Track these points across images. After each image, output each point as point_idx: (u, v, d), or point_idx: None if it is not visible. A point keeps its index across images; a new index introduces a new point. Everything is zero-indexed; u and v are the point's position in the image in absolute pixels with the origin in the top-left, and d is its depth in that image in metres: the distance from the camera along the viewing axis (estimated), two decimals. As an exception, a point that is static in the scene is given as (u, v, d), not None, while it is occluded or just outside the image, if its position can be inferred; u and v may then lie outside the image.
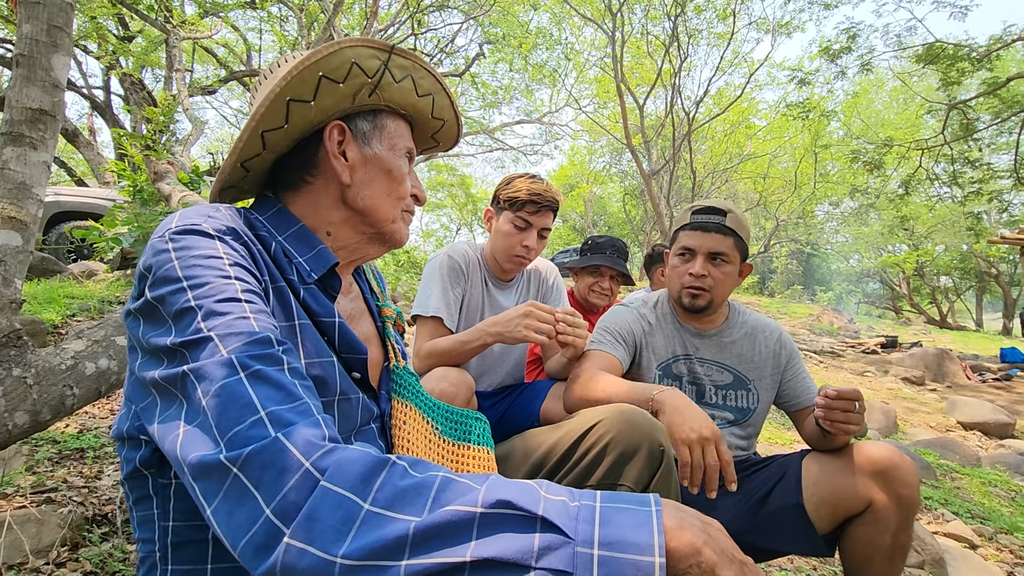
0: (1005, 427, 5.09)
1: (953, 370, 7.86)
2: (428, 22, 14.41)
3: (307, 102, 0.76)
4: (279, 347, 0.59)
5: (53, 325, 2.95)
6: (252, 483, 0.48)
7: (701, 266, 1.49)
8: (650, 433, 0.91)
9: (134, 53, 11.05)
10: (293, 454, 0.48)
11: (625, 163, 25.42)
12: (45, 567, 1.27)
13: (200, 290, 0.60)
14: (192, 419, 0.54)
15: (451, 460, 0.91)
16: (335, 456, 0.50)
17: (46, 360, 1.36)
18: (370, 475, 0.49)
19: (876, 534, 1.25)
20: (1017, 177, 9.60)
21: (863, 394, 1.25)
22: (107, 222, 3.89)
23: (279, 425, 0.50)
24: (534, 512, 0.47)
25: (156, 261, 0.63)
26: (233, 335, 0.57)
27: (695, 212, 1.54)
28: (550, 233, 1.78)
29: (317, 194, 0.82)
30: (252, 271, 0.67)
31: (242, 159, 0.79)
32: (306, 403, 0.55)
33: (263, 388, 0.53)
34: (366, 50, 0.76)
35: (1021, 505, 3.09)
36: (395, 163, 0.84)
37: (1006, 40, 8.44)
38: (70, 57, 1.53)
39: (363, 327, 0.89)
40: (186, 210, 0.70)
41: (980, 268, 21.71)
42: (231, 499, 0.48)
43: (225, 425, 0.51)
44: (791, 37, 14.97)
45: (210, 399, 0.52)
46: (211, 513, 0.49)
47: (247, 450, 0.49)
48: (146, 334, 0.61)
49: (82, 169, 14.32)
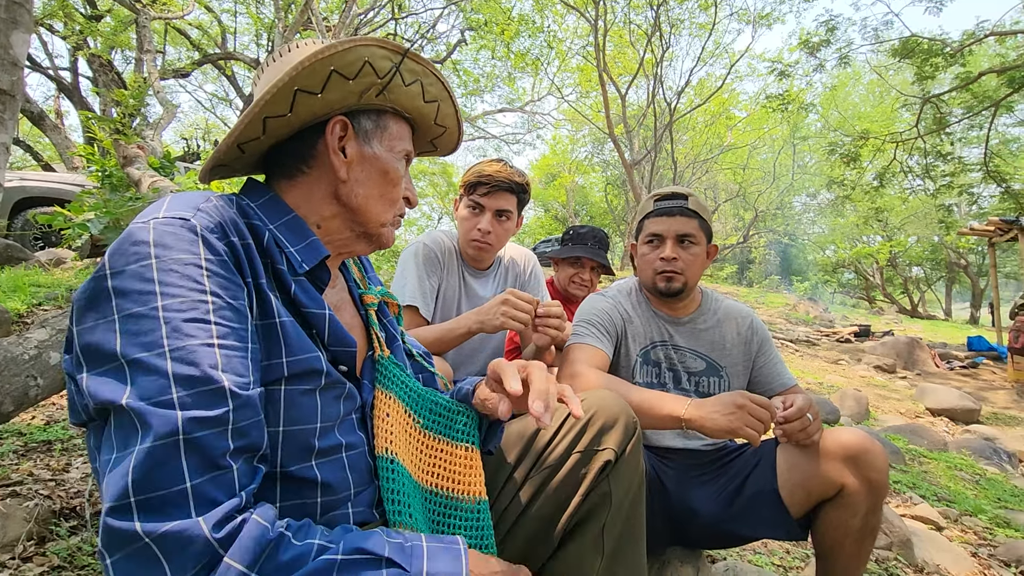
0: (971, 413, 5.26)
1: (923, 358, 8.08)
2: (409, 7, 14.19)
3: (314, 94, 0.75)
4: (232, 401, 0.59)
5: (18, 314, 2.86)
6: (163, 555, 0.52)
7: (671, 249, 1.51)
8: (626, 408, 0.99)
9: (103, 33, 10.67)
10: (205, 537, 0.53)
11: (607, 153, 25.45)
12: (11, 562, 1.24)
13: (170, 300, 0.59)
14: (116, 458, 0.54)
15: (431, 455, 0.90)
16: (240, 534, 0.55)
17: (8, 349, 1.32)
18: (260, 551, 0.56)
19: (847, 517, 1.28)
20: (986, 171, 9.85)
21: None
22: (75, 208, 3.78)
23: (200, 504, 0.54)
24: (381, 554, 0.61)
25: (133, 251, 0.60)
26: (187, 378, 0.57)
27: (658, 200, 1.57)
28: (515, 216, 1.76)
29: (311, 186, 0.81)
30: (233, 276, 0.66)
31: (240, 141, 0.78)
32: (230, 474, 0.57)
33: (194, 457, 0.55)
34: (380, 50, 0.76)
35: (985, 488, 3.20)
36: (392, 165, 0.84)
37: (979, 36, 8.61)
38: (30, 34, 1.46)
39: (347, 317, 0.88)
40: (175, 198, 0.68)
41: (950, 259, 22.31)
42: (137, 561, 0.52)
43: (148, 485, 0.53)
44: (771, 29, 15.15)
45: (140, 452, 0.53)
46: (111, 563, 0.52)
47: (163, 528, 0.52)
48: (85, 320, 0.59)
49: (49, 153, 13.85)
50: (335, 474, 0.74)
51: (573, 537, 0.94)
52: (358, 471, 0.77)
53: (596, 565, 0.92)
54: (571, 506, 0.93)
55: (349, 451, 0.76)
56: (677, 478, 1.47)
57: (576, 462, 0.94)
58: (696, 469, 1.52)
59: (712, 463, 1.53)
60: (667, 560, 1.56)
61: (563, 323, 1.45)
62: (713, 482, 1.47)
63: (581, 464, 0.94)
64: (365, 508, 0.77)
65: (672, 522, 1.43)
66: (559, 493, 0.94)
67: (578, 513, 0.93)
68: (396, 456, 0.81)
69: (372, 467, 0.80)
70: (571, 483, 0.94)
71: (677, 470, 1.50)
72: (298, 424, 0.70)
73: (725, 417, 1.15)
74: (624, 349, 1.56)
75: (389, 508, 0.77)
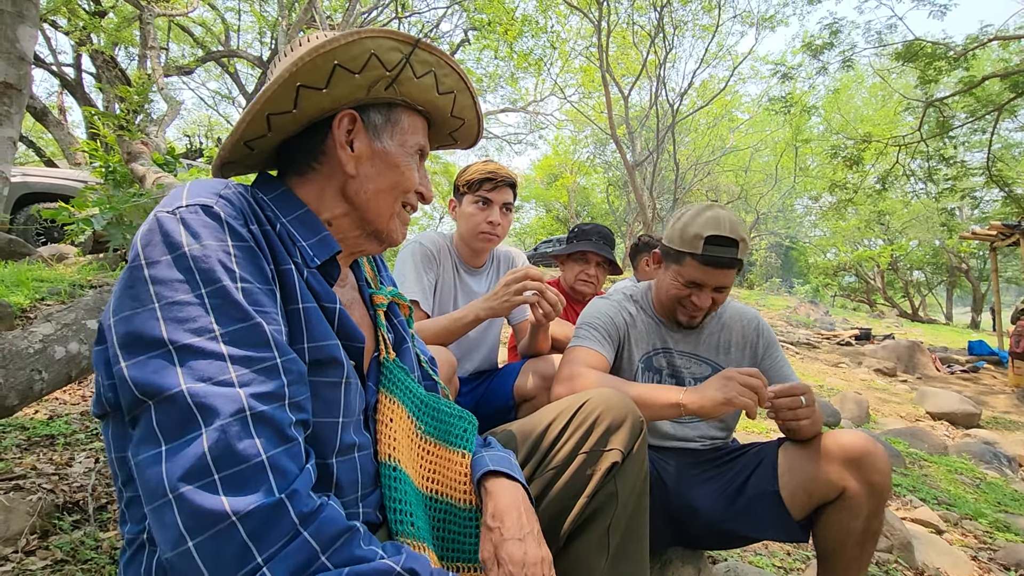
0: (971, 417, 5.26)
1: (923, 362, 8.08)
2: (412, 6, 14.19)
3: (319, 89, 0.74)
4: (285, 376, 0.60)
5: (21, 309, 2.86)
6: (250, 534, 0.52)
7: (707, 299, 1.44)
8: (632, 408, 0.99)
9: (106, 29, 10.69)
10: (290, 513, 0.54)
11: (609, 154, 25.43)
12: (14, 555, 1.24)
13: (211, 287, 0.59)
14: (175, 447, 0.54)
15: (430, 460, 0.90)
16: (320, 515, 0.57)
17: (13, 343, 1.32)
18: (336, 536, 0.58)
19: (848, 520, 1.28)
20: (989, 175, 9.84)
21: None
22: (78, 203, 3.78)
23: (279, 476, 0.55)
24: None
25: (166, 241, 0.61)
26: (242, 358, 0.58)
27: (710, 243, 1.37)
28: (514, 210, 1.88)
29: (321, 183, 0.80)
30: (258, 261, 0.66)
31: (245, 139, 0.77)
32: (297, 446, 0.59)
33: (265, 430, 0.56)
34: (388, 42, 0.73)
35: (985, 492, 3.20)
36: (403, 160, 0.82)
37: (982, 40, 8.60)
38: (37, 29, 1.47)
39: (356, 316, 0.88)
40: (195, 184, 0.68)
41: (951, 263, 22.30)
42: (222, 540, 0.52)
43: (228, 460, 0.53)
44: (775, 31, 15.11)
45: (212, 432, 0.54)
46: (193, 546, 0.51)
47: (252, 507, 0.52)
48: (123, 309, 0.59)
49: (51, 149, 13.86)
50: (348, 474, 0.74)
51: (579, 535, 0.95)
52: (367, 473, 0.77)
53: (601, 563, 0.92)
54: (577, 506, 0.93)
55: (360, 451, 0.76)
56: (677, 476, 1.47)
57: (583, 462, 0.94)
58: (696, 467, 1.52)
59: (712, 462, 1.53)
60: (668, 560, 1.56)
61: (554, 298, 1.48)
62: (714, 481, 1.47)
63: (588, 464, 0.93)
64: (372, 510, 0.77)
65: (673, 521, 1.43)
66: (565, 493, 0.94)
67: (584, 512, 0.93)
68: (399, 463, 0.80)
69: (377, 470, 0.80)
70: (578, 483, 0.93)
71: (677, 468, 1.50)
72: (323, 417, 0.70)
73: (718, 391, 1.17)
74: (627, 354, 1.55)
75: (392, 518, 0.76)
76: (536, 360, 1.75)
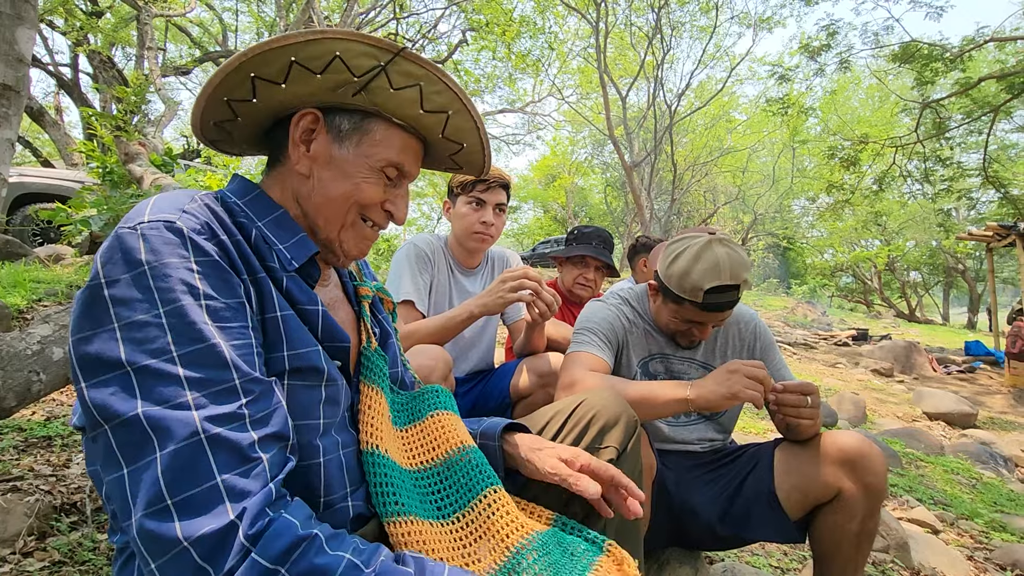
0: (968, 417, 5.28)
1: (920, 362, 8.11)
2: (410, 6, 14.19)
3: (277, 83, 0.73)
4: (244, 396, 0.60)
5: (18, 310, 2.86)
6: (203, 557, 0.53)
7: (708, 331, 1.46)
8: (626, 407, 1.02)
9: (103, 30, 10.66)
10: (239, 540, 0.54)
11: (607, 154, 25.48)
12: (11, 556, 1.24)
13: (170, 306, 0.58)
14: (135, 470, 0.54)
15: (407, 442, 0.91)
16: (270, 529, 0.56)
17: (11, 345, 1.32)
18: (288, 549, 0.56)
19: (845, 521, 1.28)
20: (985, 175, 9.88)
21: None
22: (75, 204, 3.77)
23: (234, 497, 0.55)
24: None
25: (126, 259, 0.60)
26: (197, 380, 0.57)
27: (712, 292, 1.33)
28: (507, 209, 1.90)
29: (283, 178, 0.80)
30: (226, 275, 0.65)
31: (212, 118, 0.78)
32: (260, 464, 0.58)
33: (221, 453, 0.56)
34: (359, 46, 0.70)
35: (981, 492, 3.21)
36: (360, 171, 0.77)
37: (978, 41, 8.63)
38: (35, 31, 1.47)
39: (340, 315, 0.88)
40: (160, 199, 0.67)
41: (948, 264, 22.36)
42: (180, 564, 0.53)
43: (180, 485, 0.53)
44: (772, 32, 15.16)
45: (165, 456, 0.54)
46: (156, 568, 0.53)
47: (201, 530, 0.53)
48: (83, 330, 0.58)
49: (48, 150, 13.82)
50: (335, 473, 0.74)
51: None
52: (353, 469, 0.77)
53: None
54: (574, 504, 0.94)
55: (345, 448, 0.77)
56: (677, 479, 1.47)
57: None
58: (696, 470, 1.52)
59: (711, 464, 1.53)
60: (666, 560, 1.57)
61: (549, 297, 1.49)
62: (713, 483, 1.47)
63: None
64: (362, 503, 0.78)
65: (673, 522, 1.44)
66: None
67: (580, 510, 0.94)
68: (379, 447, 0.80)
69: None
70: None
71: (677, 471, 1.50)
72: (305, 420, 0.71)
73: (723, 385, 1.18)
74: (625, 358, 1.55)
75: (377, 502, 0.76)
76: (531, 359, 1.76)
